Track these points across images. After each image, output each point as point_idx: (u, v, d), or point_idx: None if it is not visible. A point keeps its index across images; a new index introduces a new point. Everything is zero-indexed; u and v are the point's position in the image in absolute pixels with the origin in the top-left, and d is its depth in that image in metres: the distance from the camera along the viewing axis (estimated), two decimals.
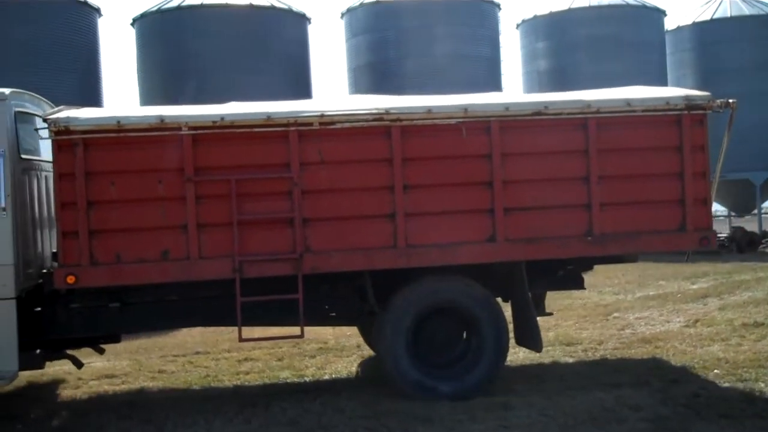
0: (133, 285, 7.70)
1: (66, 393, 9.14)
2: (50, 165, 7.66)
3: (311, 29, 24.11)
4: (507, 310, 8.30)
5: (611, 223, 7.87)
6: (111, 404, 8.52)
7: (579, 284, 8.80)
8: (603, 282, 16.47)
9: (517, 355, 9.58)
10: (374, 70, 25.12)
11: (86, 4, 19.80)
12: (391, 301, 7.83)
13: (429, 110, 7.61)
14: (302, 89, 21.58)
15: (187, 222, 7.41)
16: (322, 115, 7.51)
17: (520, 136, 7.76)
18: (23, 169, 7.85)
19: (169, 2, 22.60)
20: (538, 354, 8.81)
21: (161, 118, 7.39)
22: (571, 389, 8.02)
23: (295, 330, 7.77)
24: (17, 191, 7.65)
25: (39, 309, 8.01)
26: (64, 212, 7.36)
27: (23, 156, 7.84)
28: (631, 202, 7.95)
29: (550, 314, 9.17)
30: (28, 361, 8.00)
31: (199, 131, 7.42)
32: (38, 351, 8.04)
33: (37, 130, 7.78)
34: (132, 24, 23.28)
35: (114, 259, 7.42)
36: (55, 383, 9.60)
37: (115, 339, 8.83)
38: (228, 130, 7.46)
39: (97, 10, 20.39)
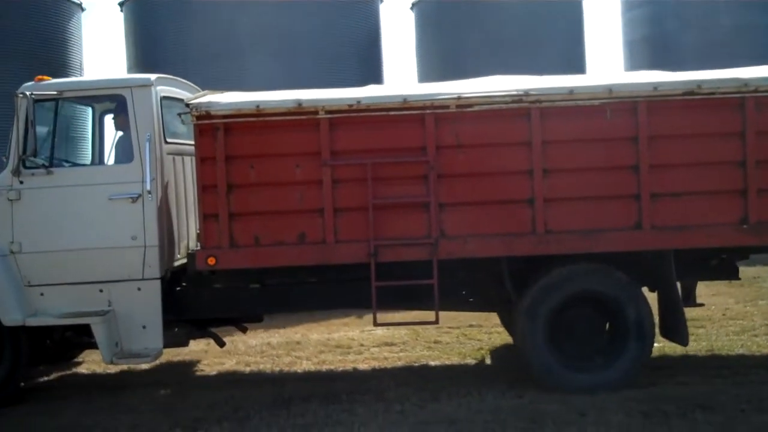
0: (272, 267, 7.79)
1: (350, 358, 9.57)
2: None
3: (585, 6, 23.03)
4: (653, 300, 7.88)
5: None
6: (390, 371, 8.89)
7: (733, 275, 8.27)
8: None
9: None
10: (651, 44, 23.66)
11: None
12: (529, 289, 7.59)
13: (571, 91, 7.29)
14: (576, 69, 20.70)
15: (324, 205, 7.42)
16: (459, 98, 7.33)
17: (670, 117, 7.32)
18: (169, 153, 8.07)
19: None
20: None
21: (299, 102, 7.41)
22: None
23: (431, 315, 7.67)
24: (163, 174, 7.89)
25: (184, 289, 8.25)
26: (205, 195, 7.50)
27: (169, 140, 8.06)
28: None
29: (701, 305, 8.67)
30: (173, 339, 8.27)
31: (336, 115, 7.39)
32: (176, 329, 8.24)
33: (180, 114, 7.97)
34: (411, 8, 23.56)
35: (253, 242, 7.52)
36: (339, 347, 10.09)
37: (258, 319, 9.01)
38: (364, 114, 7.40)
39: None
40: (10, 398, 7.93)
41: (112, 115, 8.43)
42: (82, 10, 20.32)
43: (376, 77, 18.99)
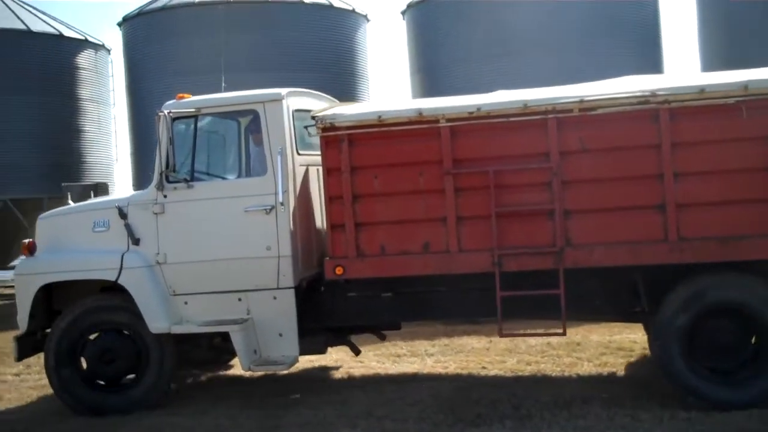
0: (402, 276, 7.82)
1: (632, 361, 9.43)
2: None
3: None
4: None
5: None
6: None
7: None
8: None
9: None
10: None
11: None
12: (664, 299, 7.21)
13: (702, 90, 6.89)
14: None
15: (447, 215, 7.39)
16: (582, 101, 7.09)
17: None
18: (303, 164, 8.28)
19: None
20: None
21: (419, 111, 7.43)
22: None
23: (559, 326, 7.45)
24: (296, 186, 8.10)
25: (320, 297, 8.41)
26: (332, 206, 7.67)
27: (301, 152, 8.27)
28: None
29: None
30: (311, 347, 8.45)
31: (456, 123, 7.34)
32: (315, 337, 8.40)
33: (306, 127, 8.16)
34: None
35: (379, 251, 7.61)
36: (621, 350, 9.93)
37: (396, 326, 9.09)
38: (485, 121, 7.31)
39: None
40: (159, 400, 8.37)
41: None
42: (367, 21, 21.71)
43: (655, 67, 18.29)
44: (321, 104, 8.77)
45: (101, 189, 9.62)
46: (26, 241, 8.70)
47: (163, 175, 8.07)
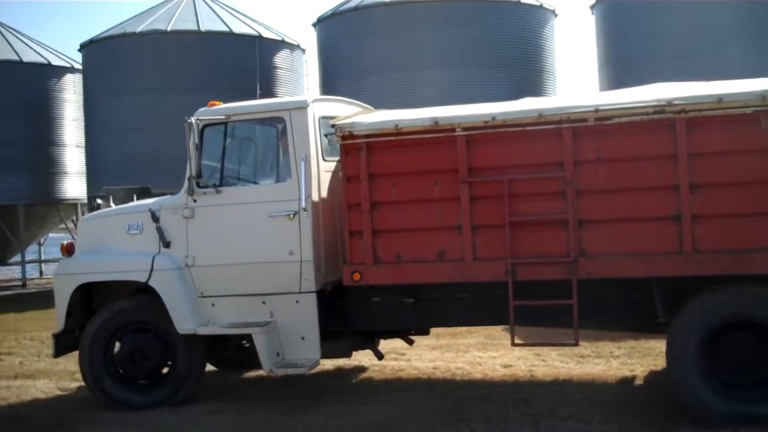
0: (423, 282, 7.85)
1: None
2: None
3: None
4: None
5: None
6: None
7: None
8: None
9: None
10: None
11: None
12: (680, 311, 7.08)
13: (720, 99, 6.73)
14: None
15: (462, 223, 7.41)
16: (597, 110, 7.01)
17: None
18: (327, 171, 8.39)
19: None
20: None
21: (435, 120, 7.46)
22: None
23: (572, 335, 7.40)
24: (320, 192, 8.22)
25: (345, 302, 8.51)
26: (351, 213, 7.77)
27: (326, 159, 8.38)
28: None
29: None
30: (335, 350, 8.61)
31: (472, 132, 7.35)
32: (339, 341, 8.52)
33: (326, 135, 8.27)
34: None
35: (395, 259, 7.68)
36: None
37: (424, 332, 9.13)
38: (500, 130, 7.31)
39: None
40: (188, 396, 8.55)
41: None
42: (555, 15, 21.81)
43: None
44: (351, 110, 8.85)
45: (144, 192, 9.87)
46: (65, 242, 9.06)
47: (193, 180, 8.29)
